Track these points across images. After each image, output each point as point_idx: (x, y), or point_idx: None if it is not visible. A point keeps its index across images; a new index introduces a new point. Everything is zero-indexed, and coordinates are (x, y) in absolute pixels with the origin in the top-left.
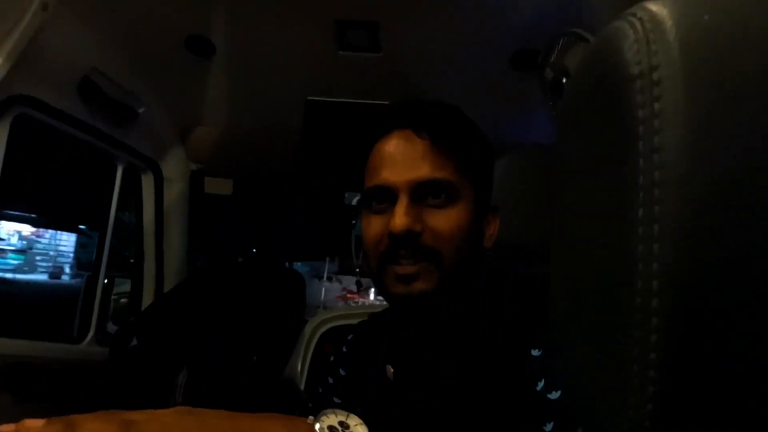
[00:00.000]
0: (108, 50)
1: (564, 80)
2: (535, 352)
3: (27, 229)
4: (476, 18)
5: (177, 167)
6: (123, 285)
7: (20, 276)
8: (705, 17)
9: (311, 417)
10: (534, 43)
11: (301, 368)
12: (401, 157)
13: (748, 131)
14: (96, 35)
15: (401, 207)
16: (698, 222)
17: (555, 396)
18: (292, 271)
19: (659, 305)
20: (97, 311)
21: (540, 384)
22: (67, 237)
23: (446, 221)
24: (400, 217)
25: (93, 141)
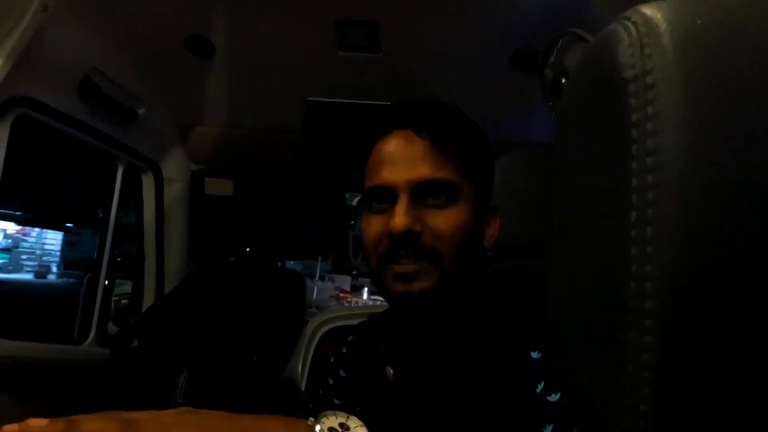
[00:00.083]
0: (108, 51)
1: (564, 80)
2: (535, 354)
3: (12, 228)
4: (476, 18)
5: (177, 167)
6: (124, 286)
7: (4, 275)
8: (698, 21)
9: (312, 418)
10: (534, 43)
11: (302, 369)
12: (401, 157)
13: (742, 134)
14: (96, 36)
15: (401, 207)
16: (691, 225)
17: (555, 398)
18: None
19: (653, 307)
20: (98, 312)
21: (540, 386)
22: (53, 235)
23: (446, 221)
24: (400, 217)
25: (93, 141)
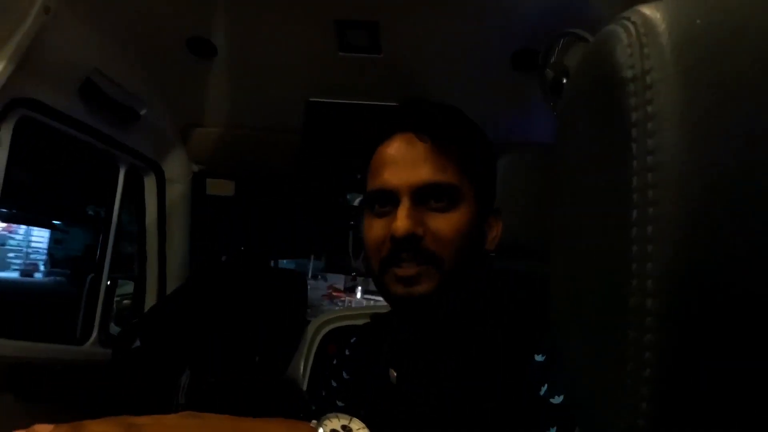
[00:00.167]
0: (110, 52)
1: (564, 80)
2: (539, 357)
3: None
4: (476, 18)
5: (179, 168)
6: (126, 286)
7: None
8: (698, 21)
9: (314, 421)
10: (534, 43)
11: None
12: (403, 160)
13: (742, 134)
14: (98, 37)
15: (403, 210)
16: (691, 223)
17: (558, 400)
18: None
19: (653, 305)
20: (101, 312)
21: (543, 388)
22: (40, 233)
23: (448, 225)
24: (402, 221)
25: (95, 143)
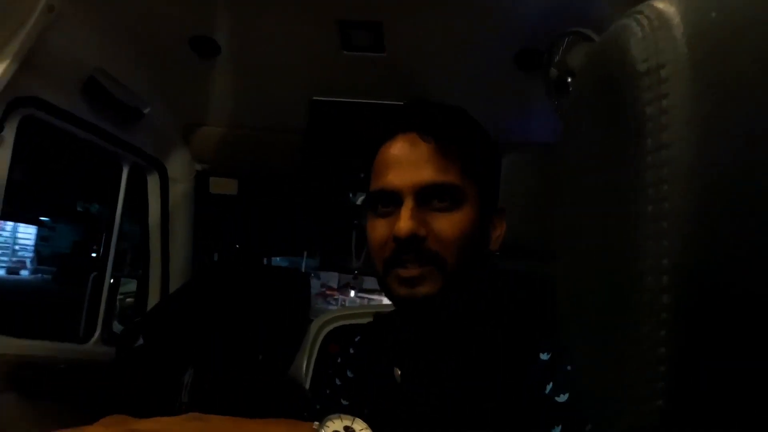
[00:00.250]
0: (113, 51)
1: (569, 79)
2: (544, 356)
3: None
4: (480, 17)
5: (182, 167)
6: (129, 285)
7: None
8: (712, 14)
9: (316, 423)
10: (538, 43)
11: (306, 368)
12: (406, 161)
13: (757, 127)
14: (101, 36)
15: (406, 211)
16: (708, 217)
17: (563, 399)
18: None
19: (668, 300)
20: (104, 311)
21: (548, 387)
22: (27, 229)
23: (451, 225)
24: (405, 222)
25: (98, 141)
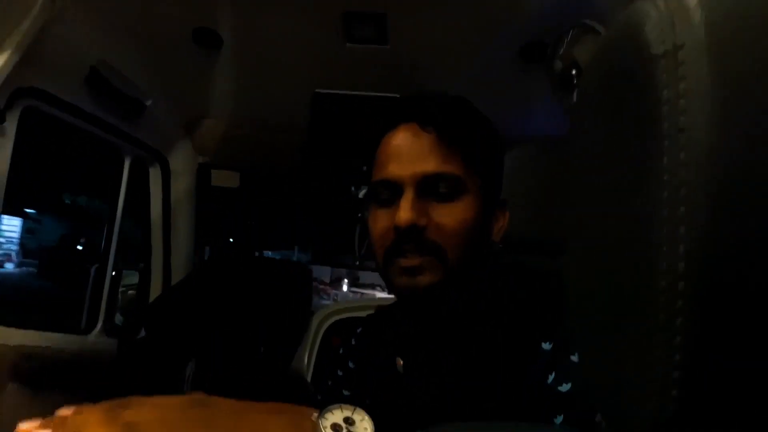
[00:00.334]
0: (115, 42)
1: (573, 72)
2: (546, 346)
3: None
4: (485, 9)
5: (184, 160)
6: (131, 277)
7: None
8: None
9: (315, 414)
10: (543, 35)
11: (308, 360)
12: (407, 151)
13: None
14: (103, 27)
15: (406, 201)
16: (726, 203)
17: (565, 389)
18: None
19: (685, 288)
20: (106, 303)
21: (550, 377)
22: (9, 221)
23: (451, 216)
24: (405, 212)
25: (101, 133)
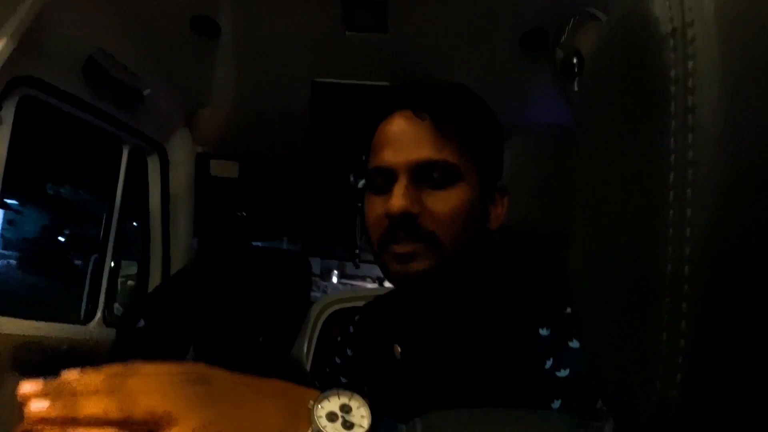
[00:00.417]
0: (113, 31)
1: (575, 60)
2: (544, 332)
3: None
4: None
5: (183, 149)
6: (130, 267)
7: None
8: None
9: (311, 401)
10: (544, 24)
11: (307, 349)
12: (401, 139)
13: None
14: (101, 15)
15: (399, 189)
16: (735, 185)
17: (563, 374)
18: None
19: (691, 272)
20: (105, 292)
21: (548, 363)
22: None
23: (445, 203)
24: (397, 199)
25: (98, 123)
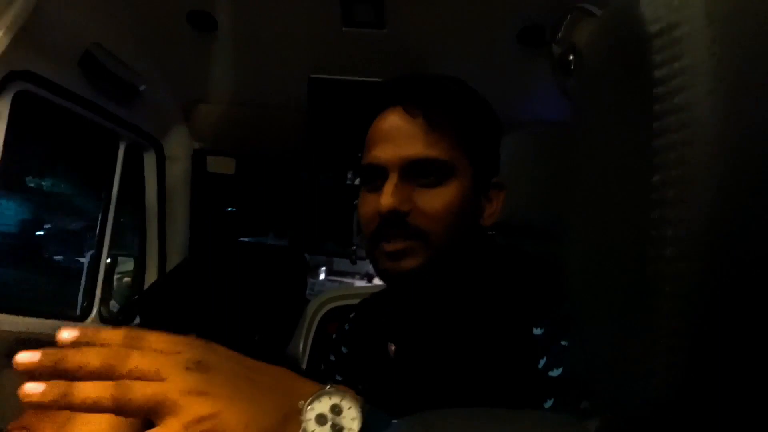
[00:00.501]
0: (109, 25)
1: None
2: (537, 331)
3: None
4: None
5: (179, 145)
6: (126, 264)
7: None
8: None
9: (301, 402)
10: (542, 19)
11: (303, 347)
12: (393, 135)
13: None
14: (97, 10)
15: (389, 187)
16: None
17: (556, 373)
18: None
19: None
20: (101, 289)
21: (541, 362)
22: None
23: (435, 201)
24: (387, 197)
25: (95, 117)
